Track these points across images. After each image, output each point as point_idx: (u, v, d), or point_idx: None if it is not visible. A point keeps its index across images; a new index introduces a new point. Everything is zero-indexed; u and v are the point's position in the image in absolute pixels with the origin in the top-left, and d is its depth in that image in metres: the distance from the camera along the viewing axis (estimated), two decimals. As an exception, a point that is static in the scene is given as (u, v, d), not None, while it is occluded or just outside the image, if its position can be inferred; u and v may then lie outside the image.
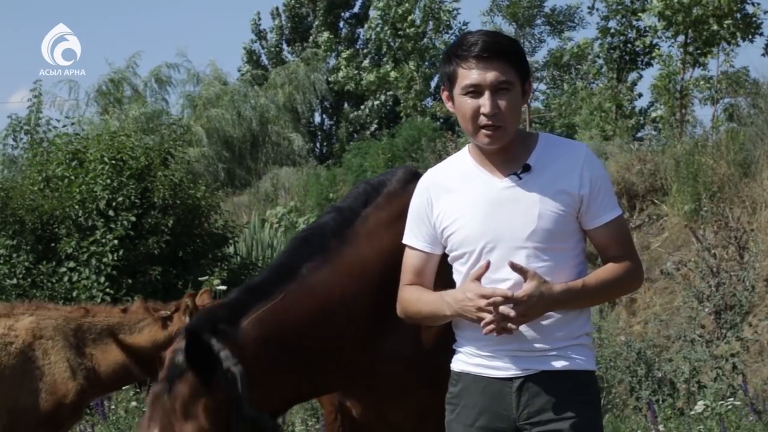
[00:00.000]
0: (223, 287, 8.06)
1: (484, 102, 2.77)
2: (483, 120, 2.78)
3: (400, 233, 3.04)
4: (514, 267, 2.74)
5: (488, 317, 2.71)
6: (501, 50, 2.79)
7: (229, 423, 2.81)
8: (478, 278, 2.77)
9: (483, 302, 2.72)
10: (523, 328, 2.78)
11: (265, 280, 3.08)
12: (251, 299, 2.99)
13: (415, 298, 2.93)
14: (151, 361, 4.90)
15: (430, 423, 3.22)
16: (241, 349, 2.88)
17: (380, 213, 3.19)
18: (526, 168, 2.83)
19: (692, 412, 6.63)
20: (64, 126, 13.87)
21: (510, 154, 2.85)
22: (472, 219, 2.83)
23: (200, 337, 2.84)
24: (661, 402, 7.09)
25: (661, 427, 6.38)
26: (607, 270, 2.87)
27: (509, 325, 2.71)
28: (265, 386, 2.91)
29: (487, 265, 2.76)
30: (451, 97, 2.88)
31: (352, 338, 3.06)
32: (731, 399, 6.75)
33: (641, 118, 19.24)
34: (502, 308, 2.70)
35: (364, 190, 3.28)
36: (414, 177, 3.29)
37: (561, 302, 2.76)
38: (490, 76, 2.77)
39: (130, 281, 10.18)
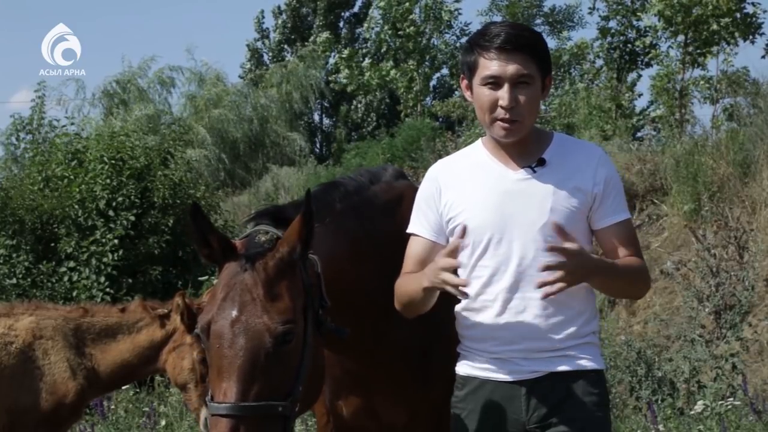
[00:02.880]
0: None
1: (503, 95, 2.74)
2: (500, 112, 2.76)
3: (397, 222, 3.05)
4: (556, 229, 2.64)
5: (453, 279, 2.61)
6: (524, 43, 2.76)
7: (305, 311, 2.67)
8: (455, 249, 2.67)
9: (446, 262, 2.62)
10: (530, 328, 2.74)
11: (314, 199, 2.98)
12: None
13: (402, 280, 2.89)
14: (149, 360, 4.91)
15: (421, 423, 3.22)
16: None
17: (384, 195, 3.19)
18: (541, 162, 2.80)
19: (692, 412, 6.63)
20: (63, 126, 13.89)
21: (525, 148, 2.82)
22: (482, 209, 2.80)
23: (311, 205, 2.67)
24: (661, 402, 7.09)
25: (661, 427, 6.38)
26: (626, 260, 2.82)
27: (558, 284, 2.58)
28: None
29: (463, 232, 2.70)
30: (470, 87, 2.85)
31: (367, 293, 3.00)
32: (731, 399, 6.76)
33: (641, 118, 19.22)
34: (447, 276, 2.61)
35: (367, 172, 3.29)
36: (401, 175, 3.35)
37: (596, 271, 2.68)
38: (511, 68, 2.74)
39: (130, 281, 10.18)
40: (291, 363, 2.62)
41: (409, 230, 2.97)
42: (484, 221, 2.79)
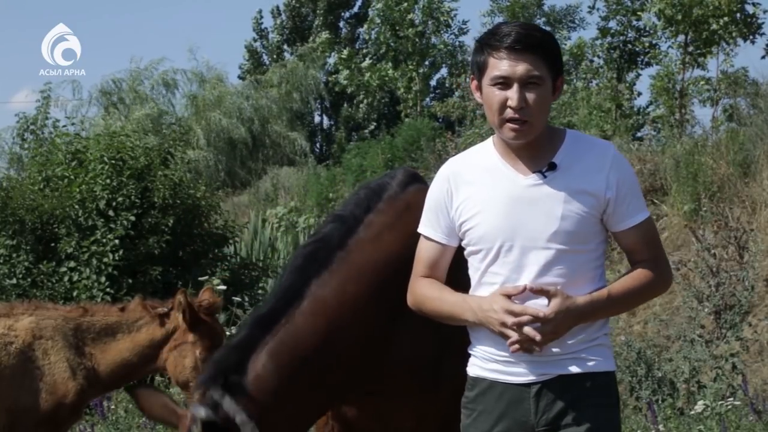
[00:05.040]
0: (223, 287, 8.06)
1: (512, 95, 2.69)
2: (509, 113, 2.71)
3: (403, 232, 3.01)
4: (535, 290, 2.68)
5: (513, 336, 2.66)
6: (534, 43, 2.71)
7: None
8: (509, 294, 2.70)
9: (509, 320, 2.66)
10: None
11: (272, 308, 3.02)
12: (260, 332, 2.94)
13: (435, 295, 2.85)
14: (149, 359, 4.91)
15: (429, 426, 3.21)
16: (256, 394, 2.86)
17: (383, 218, 3.12)
18: (552, 166, 2.75)
19: (692, 412, 6.63)
20: (64, 126, 13.90)
21: (536, 150, 2.77)
22: (492, 215, 2.76)
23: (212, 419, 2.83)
24: (661, 402, 7.09)
25: (661, 427, 6.37)
26: (634, 277, 2.80)
27: (535, 344, 2.67)
28: (290, 413, 2.90)
29: (523, 289, 2.70)
30: (479, 87, 2.80)
31: (364, 344, 3.01)
32: (731, 399, 6.75)
33: (640, 117, 19.22)
34: (528, 329, 2.64)
35: (366, 195, 3.22)
36: (414, 178, 3.27)
37: (586, 315, 2.71)
38: (521, 68, 2.69)
39: (130, 281, 10.17)
40: None
41: (419, 230, 2.92)
42: (494, 228, 2.75)
